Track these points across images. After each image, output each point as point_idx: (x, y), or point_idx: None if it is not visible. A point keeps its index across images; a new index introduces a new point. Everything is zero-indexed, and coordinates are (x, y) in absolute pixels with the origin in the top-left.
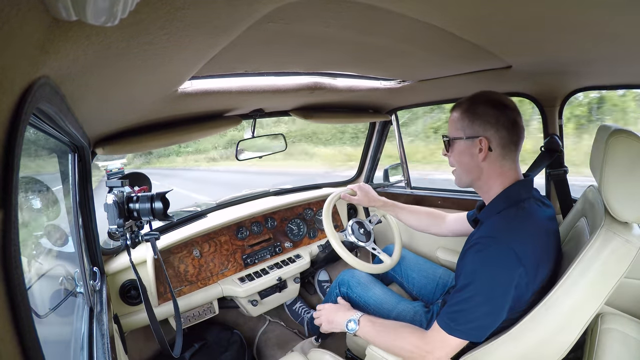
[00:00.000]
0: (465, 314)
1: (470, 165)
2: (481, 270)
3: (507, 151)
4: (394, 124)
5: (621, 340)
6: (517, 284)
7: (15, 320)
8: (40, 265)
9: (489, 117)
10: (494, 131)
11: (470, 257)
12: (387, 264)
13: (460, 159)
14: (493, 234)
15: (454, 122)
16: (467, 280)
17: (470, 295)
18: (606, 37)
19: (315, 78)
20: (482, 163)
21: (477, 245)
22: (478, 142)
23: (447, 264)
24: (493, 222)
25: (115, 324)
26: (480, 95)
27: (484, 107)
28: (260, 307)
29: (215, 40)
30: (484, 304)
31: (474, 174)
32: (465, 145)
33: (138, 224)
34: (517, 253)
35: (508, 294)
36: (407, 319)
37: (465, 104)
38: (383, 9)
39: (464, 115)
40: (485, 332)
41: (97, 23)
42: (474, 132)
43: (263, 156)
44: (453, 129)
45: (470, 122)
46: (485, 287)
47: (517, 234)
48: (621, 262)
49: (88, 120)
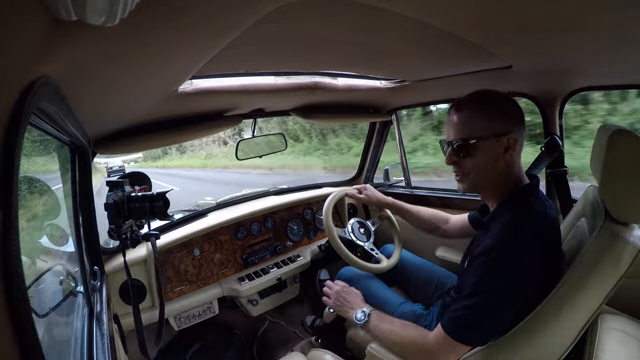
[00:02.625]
0: (471, 322)
1: (488, 169)
2: (490, 280)
3: (520, 149)
4: (394, 124)
5: (621, 340)
6: (526, 290)
7: (15, 320)
8: (40, 265)
9: (510, 111)
10: (518, 126)
11: (478, 266)
12: (385, 265)
13: (480, 162)
14: (501, 244)
15: (468, 122)
16: (475, 289)
17: (477, 303)
18: (606, 37)
19: (315, 78)
20: (500, 165)
21: (485, 254)
22: (505, 140)
23: (446, 264)
24: (501, 230)
25: (115, 324)
26: (485, 92)
27: (502, 100)
28: (260, 307)
29: (215, 40)
30: (491, 314)
31: (491, 177)
32: (489, 146)
33: (138, 223)
34: (525, 262)
35: (514, 302)
36: (409, 321)
37: (478, 100)
38: (383, 9)
39: (480, 113)
40: (489, 338)
41: (97, 23)
42: (500, 129)
43: (263, 155)
44: (467, 130)
45: (490, 119)
46: (494, 298)
47: (526, 242)
48: (621, 263)
49: (88, 120)
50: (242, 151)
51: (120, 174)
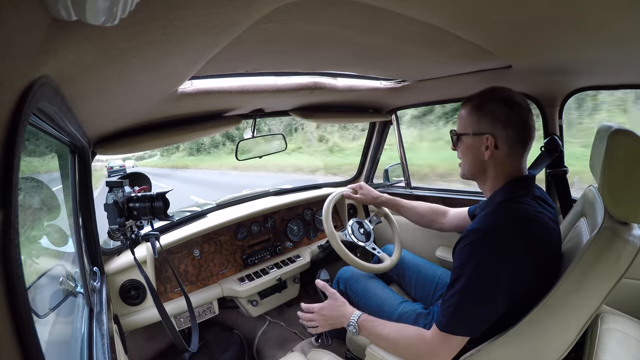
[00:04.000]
0: (457, 309)
1: (475, 162)
2: (467, 263)
3: (514, 150)
4: (394, 124)
5: (621, 340)
6: (508, 275)
7: (15, 320)
8: (40, 265)
9: (497, 115)
10: (502, 129)
11: (457, 251)
12: (386, 264)
13: (466, 154)
14: (479, 227)
15: (463, 118)
16: (456, 275)
17: (458, 289)
18: (606, 37)
19: (315, 78)
20: (487, 160)
21: (464, 239)
22: (485, 139)
23: (446, 263)
24: (482, 216)
25: (115, 324)
26: (491, 91)
27: (493, 104)
28: (260, 307)
29: (215, 40)
30: (473, 297)
31: (478, 169)
32: (472, 142)
33: (138, 223)
34: (501, 244)
35: (497, 286)
36: (409, 321)
37: (475, 100)
38: (383, 9)
39: (473, 111)
40: (480, 326)
41: (97, 23)
42: (480, 129)
43: (263, 156)
44: (461, 125)
45: (478, 119)
46: (473, 280)
47: (503, 227)
48: (621, 263)
49: (88, 120)
50: (242, 151)
51: (121, 173)
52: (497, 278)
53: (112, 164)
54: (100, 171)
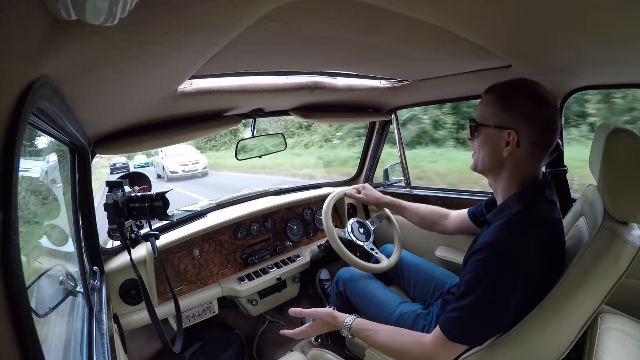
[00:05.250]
0: (467, 322)
1: (493, 157)
2: (482, 278)
3: (537, 151)
4: (394, 124)
5: (621, 340)
6: (524, 288)
7: (15, 320)
8: (40, 265)
9: (524, 110)
10: (527, 126)
11: (472, 264)
12: (384, 265)
13: (483, 147)
14: (496, 240)
15: (485, 107)
16: (469, 288)
17: (471, 303)
18: (606, 37)
19: (315, 78)
20: (506, 158)
21: (480, 252)
22: (507, 134)
23: (446, 263)
24: (499, 227)
25: (115, 324)
26: (520, 83)
27: (522, 97)
28: (260, 307)
29: (216, 40)
30: (486, 314)
31: (494, 165)
32: (492, 135)
33: (138, 223)
34: (520, 259)
35: (511, 302)
36: (409, 321)
37: (502, 89)
38: (383, 9)
39: (498, 102)
40: (487, 338)
41: (96, 23)
42: (503, 122)
43: (263, 156)
44: (483, 114)
45: (502, 111)
46: (490, 296)
47: (522, 240)
48: (621, 263)
49: (88, 120)
50: (242, 151)
51: (124, 171)
52: (513, 293)
53: (115, 160)
54: (104, 169)
